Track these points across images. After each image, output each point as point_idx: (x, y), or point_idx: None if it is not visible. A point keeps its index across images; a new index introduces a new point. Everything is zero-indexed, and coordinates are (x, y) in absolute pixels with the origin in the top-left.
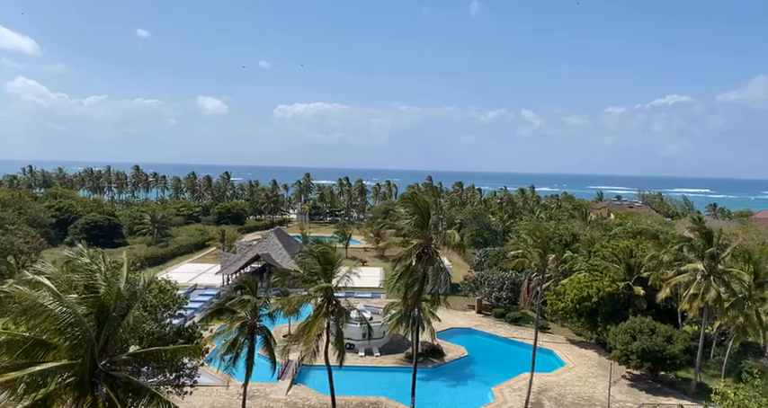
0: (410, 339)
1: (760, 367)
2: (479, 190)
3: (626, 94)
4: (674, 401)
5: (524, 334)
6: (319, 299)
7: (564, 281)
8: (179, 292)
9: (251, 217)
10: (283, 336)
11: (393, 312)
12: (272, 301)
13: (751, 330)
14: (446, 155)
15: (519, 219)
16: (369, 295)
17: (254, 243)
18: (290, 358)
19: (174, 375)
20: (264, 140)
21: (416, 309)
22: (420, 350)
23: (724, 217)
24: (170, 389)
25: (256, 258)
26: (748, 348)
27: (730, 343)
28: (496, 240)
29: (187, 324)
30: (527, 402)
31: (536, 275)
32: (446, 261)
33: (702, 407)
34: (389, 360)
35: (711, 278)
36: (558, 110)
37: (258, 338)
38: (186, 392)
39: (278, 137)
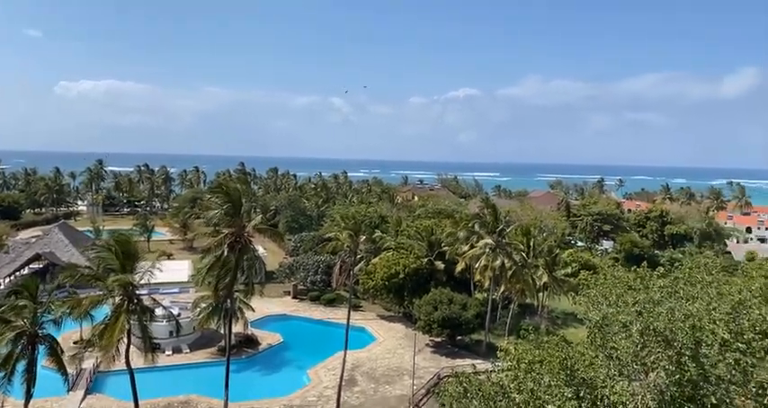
0: (223, 331)
1: (534, 324)
2: (294, 176)
3: (426, 86)
4: (468, 361)
5: (338, 315)
6: (118, 298)
7: (374, 260)
8: None
9: (28, 211)
10: (74, 343)
11: (203, 305)
12: (57, 305)
13: (528, 293)
14: (260, 141)
15: (333, 204)
16: (176, 290)
17: (33, 240)
18: (84, 366)
19: None
20: (42, 122)
21: (228, 300)
22: (233, 342)
23: (506, 196)
24: None
25: (36, 258)
26: (526, 309)
27: (512, 306)
28: (312, 225)
29: None
30: (341, 379)
31: (348, 256)
32: (261, 250)
33: (491, 364)
34: (200, 356)
35: (497, 249)
36: (364, 98)
37: (41, 348)
38: None
39: (61, 118)
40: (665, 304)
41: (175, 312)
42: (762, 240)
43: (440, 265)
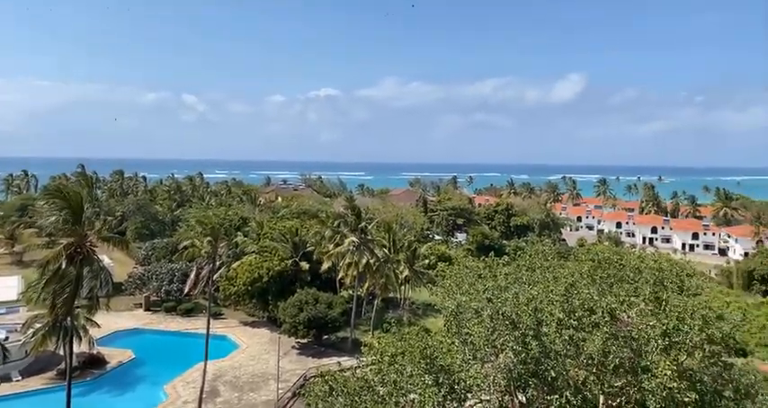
0: (63, 352)
1: (397, 317)
2: (144, 178)
3: (286, 85)
4: (335, 360)
5: (198, 324)
6: None
7: (235, 265)
8: None
9: None
10: None
11: (38, 326)
12: None
13: (391, 287)
14: (103, 141)
15: (188, 207)
16: (2, 311)
17: None
18: None
19: None
20: None
21: (69, 318)
22: (76, 363)
23: (369, 195)
24: None
25: None
26: (390, 303)
27: (376, 301)
28: (165, 231)
29: None
30: (201, 391)
31: (207, 263)
32: (106, 260)
33: (356, 360)
34: (36, 382)
35: (362, 247)
36: (220, 96)
37: None
38: None
39: None
40: (511, 289)
41: (1, 336)
42: (590, 227)
43: (305, 266)
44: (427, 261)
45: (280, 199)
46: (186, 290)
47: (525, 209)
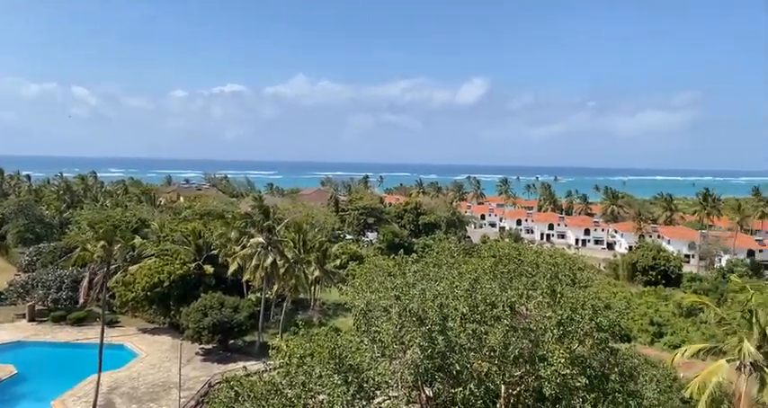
0: None
1: (307, 318)
2: (28, 177)
3: (188, 79)
4: (241, 364)
5: (90, 334)
6: None
7: (133, 270)
8: None
9: None
10: None
11: None
12: None
13: (301, 288)
14: None
15: (80, 209)
16: None
17: None
18: None
19: None
20: None
21: None
22: None
23: (279, 194)
24: None
25: None
26: (299, 304)
27: (285, 303)
28: (52, 234)
29: None
30: (94, 405)
31: (101, 268)
32: None
33: (263, 363)
34: None
35: (269, 248)
36: (116, 90)
37: None
38: None
39: None
40: (419, 286)
41: None
42: (492, 225)
43: (209, 269)
44: (338, 261)
45: (182, 199)
46: (83, 300)
47: (433, 208)
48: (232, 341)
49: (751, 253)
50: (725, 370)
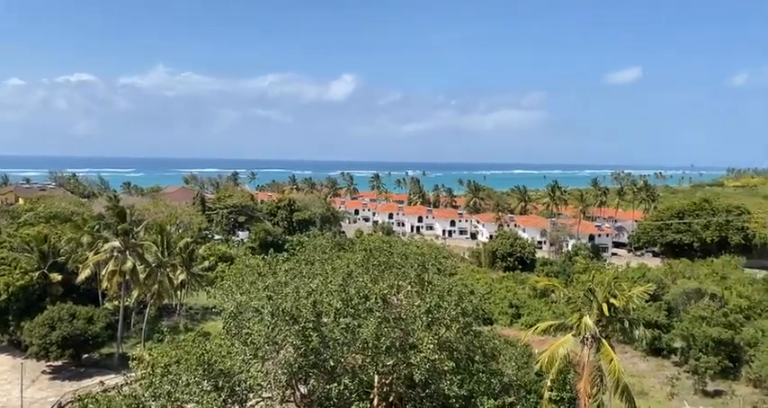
0: None
1: (173, 324)
2: None
3: (25, 66)
4: (97, 379)
5: None
6: None
7: None
8: None
9: None
10: None
11: None
12: None
13: (165, 294)
14: None
15: None
16: None
17: None
18: None
19: None
20: None
21: None
22: None
23: (138, 193)
24: None
25: None
26: (164, 310)
27: (147, 310)
28: None
29: None
30: None
31: None
32: None
33: (123, 376)
34: None
35: (127, 252)
36: None
37: None
38: None
39: None
40: (291, 284)
41: None
42: (366, 219)
43: (57, 277)
44: (206, 263)
45: (21, 201)
46: None
47: (307, 204)
48: (87, 356)
49: (592, 238)
50: (570, 343)
